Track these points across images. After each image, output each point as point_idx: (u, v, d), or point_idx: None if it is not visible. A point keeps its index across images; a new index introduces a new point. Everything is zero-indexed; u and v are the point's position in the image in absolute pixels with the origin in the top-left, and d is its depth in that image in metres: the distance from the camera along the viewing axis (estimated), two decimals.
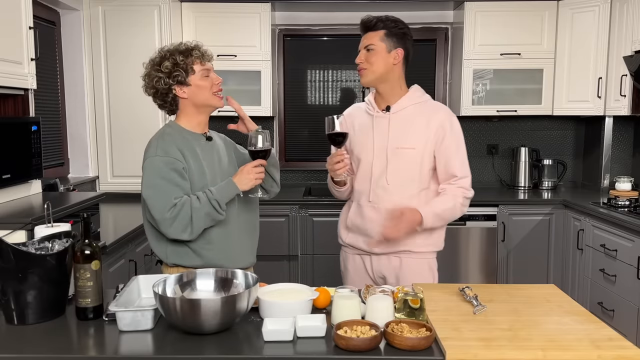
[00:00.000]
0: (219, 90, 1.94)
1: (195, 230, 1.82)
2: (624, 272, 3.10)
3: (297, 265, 3.87)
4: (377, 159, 2.10)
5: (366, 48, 2.09)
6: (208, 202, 1.80)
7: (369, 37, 2.10)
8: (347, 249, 2.26)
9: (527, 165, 4.24)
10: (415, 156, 2.07)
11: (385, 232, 1.99)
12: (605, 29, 3.75)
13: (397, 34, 2.09)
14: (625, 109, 3.57)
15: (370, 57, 2.08)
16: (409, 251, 2.12)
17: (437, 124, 2.07)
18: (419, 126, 2.08)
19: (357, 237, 2.18)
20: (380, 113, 2.13)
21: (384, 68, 2.07)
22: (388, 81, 2.10)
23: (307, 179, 4.49)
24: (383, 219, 2.06)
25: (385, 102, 2.14)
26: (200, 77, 1.90)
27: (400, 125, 2.09)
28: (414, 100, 2.12)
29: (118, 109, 3.72)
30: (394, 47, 2.08)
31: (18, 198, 2.70)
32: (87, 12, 3.66)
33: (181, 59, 1.88)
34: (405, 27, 2.12)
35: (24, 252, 1.49)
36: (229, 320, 1.42)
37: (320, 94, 4.49)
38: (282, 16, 4.34)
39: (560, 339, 1.39)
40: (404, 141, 2.07)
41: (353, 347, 1.33)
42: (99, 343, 1.42)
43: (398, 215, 1.98)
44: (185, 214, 1.79)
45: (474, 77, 4.00)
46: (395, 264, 2.13)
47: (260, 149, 1.86)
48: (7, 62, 2.37)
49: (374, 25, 2.09)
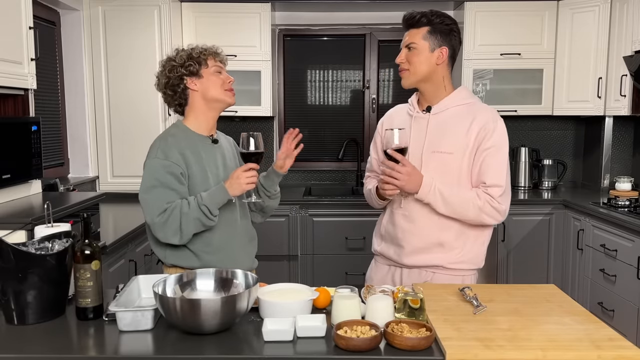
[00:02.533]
0: (230, 89, 1.94)
1: (184, 235, 1.81)
2: (624, 272, 3.10)
3: (297, 265, 3.87)
4: (411, 162, 1.90)
5: (407, 46, 1.94)
6: (197, 207, 1.79)
7: (411, 34, 1.93)
8: (378, 257, 2.13)
9: (527, 165, 4.24)
10: (452, 161, 1.89)
11: (383, 173, 1.87)
12: (605, 29, 3.75)
13: (442, 30, 1.91)
14: (625, 109, 3.57)
15: (412, 56, 1.92)
16: (441, 267, 1.95)
17: (480, 127, 1.89)
18: (460, 130, 1.90)
19: (388, 246, 2.04)
20: (420, 113, 1.99)
21: (426, 69, 1.93)
22: (431, 82, 1.95)
23: (307, 179, 4.49)
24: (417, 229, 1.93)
25: (427, 102, 1.99)
26: (213, 72, 1.91)
27: (439, 128, 1.93)
28: (457, 101, 1.96)
29: (118, 109, 3.72)
30: (438, 46, 1.92)
31: (18, 198, 2.69)
32: (87, 12, 3.66)
33: (196, 53, 1.90)
34: (452, 22, 1.94)
35: (24, 252, 1.49)
36: (229, 320, 1.42)
37: (320, 94, 4.49)
38: (282, 16, 4.34)
39: (560, 339, 1.39)
40: (441, 145, 1.91)
41: (353, 347, 1.33)
42: (99, 343, 1.42)
43: (406, 167, 1.84)
44: (174, 219, 1.79)
45: (474, 77, 4.00)
46: (427, 280, 1.97)
47: (251, 151, 1.79)
48: (7, 62, 2.37)
49: (417, 22, 1.92)
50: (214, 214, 1.81)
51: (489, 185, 1.88)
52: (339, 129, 4.47)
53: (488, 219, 1.90)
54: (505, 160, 1.91)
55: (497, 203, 1.88)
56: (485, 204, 1.88)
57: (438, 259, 1.95)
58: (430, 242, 1.95)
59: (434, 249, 1.95)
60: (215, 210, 1.81)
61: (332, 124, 4.49)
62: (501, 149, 1.90)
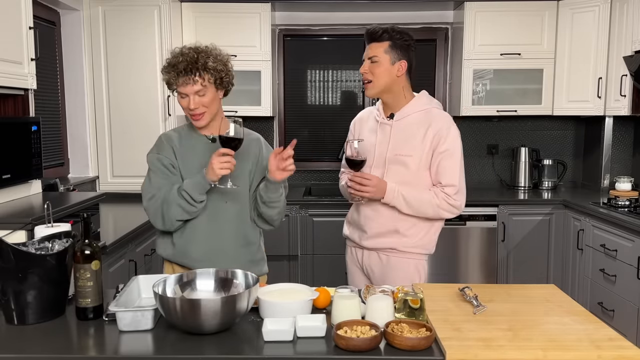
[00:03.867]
0: (190, 114, 1.91)
1: (167, 220, 1.89)
2: (624, 272, 3.10)
3: (297, 265, 3.87)
4: (376, 163, 2.16)
5: (370, 59, 2.12)
6: (177, 192, 1.86)
7: (373, 48, 2.12)
8: (347, 241, 2.36)
9: (527, 165, 4.24)
10: (411, 164, 2.11)
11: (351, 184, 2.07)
12: (605, 29, 3.75)
13: (401, 46, 2.10)
14: (625, 109, 3.57)
15: (374, 68, 2.10)
16: (395, 250, 2.17)
17: (434, 133, 2.10)
18: (418, 134, 2.11)
19: (353, 230, 2.29)
20: (385, 120, 2.18)
21: (388, 80, 2.11)
22: (392, 92, 2.14)
23: (307, 179, 4.49)
24: (377, 217, 2.16)
25: (390, 110, 2.19)
26: (179, 97, 1.92)
27: (400, 134, 2.14)
28: (417, 107, 2.15)
29: (118, 109, 3.72)
30: (397, 59, 2.10)
31: (18, 198, 2.69)
32: (87, 12, 3.66)
33: (168, 75, 1.88)
34: (410, 39, 2.13)
35: (24, 252, 1.49)
36: (229, 320, 1.42)
37: (320, 94, 4.49)
38: (282, 16, 4.34)
39: (560, 339, 1.39)
40: (402, 149, 2.12)
41: (353, 347, 1.33)
42: (99, 343, 1.42)
43: (369, 178, 2.06)
44: (157, 204, 1.89)
45: (474, 77, 4.00)
46: (383, 261, 2.20)
47: (227, 136, 1.80)
48: (7, 62, 2.37)
49: (379, 37, 2.10)
50: (195, 199, 1.84)
51: (444, 184, 2.11)
52: (339, 129, 4.46)
53: (446, 214, 2.14)
54: (459, 162, 2.13)
55: (453, 200, 2.10)
56: (442, 201, 2.10)
57: (393, 243, 2.16)
58: (387, 229, 2.16)
59: (390, 235, 2.16)
60: (196, 195, 1.84)
61: (332, 124, 4.49)
62: (454, 153, 2.11)
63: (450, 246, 3.77)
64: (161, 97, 3.72)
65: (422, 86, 2.24)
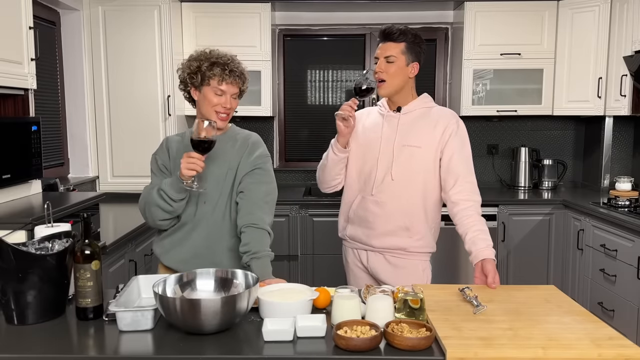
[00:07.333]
0: (221, 112, 1.94)
1: (149, 217, 1.97)
2: (624, 272, 3.10)
3: (297, 265, 3.87)
4: (383, 154, 2.15)
5: (386, 58, 2.12)
6: (156, 191, 1.90)
7: (390, 47, 2.12)
8: (346, 242, 2.31)
9: (527, 165, 4.25)
10: (420, 154, 2.12)
11: (490, 284, 1.88)
12: (605, 29, 3.75)
13: (416, 48, 2.13)
14: (625, 109, 3.57)
15: (389, 68, 2.11)
16: (403, 251, 2.16)
17: (444, 125, 2.13)
18: (426, 127, 2.14)
19: (356, 228, 2.22)
20: (392, 113, 2.20)
21: (401, 81, 2.13)
22: (402, 92, 2.17)
23: (307, 179, 4.49)
24: (386, 214, 2.14)
25: (396, 106, 2.21)
26: (211, 91, 1.94)
27: (408, 125, 2.16)
28: (422, 105, 2.20)
29: (118, 109, 3.73)
30: (412, 61, 2.13)
31: (18, 198, 2.69)
32: (87, 12, 3.66)
33: (205, 67, 1.92)
34: (422, 41, 2.17)
35: (24, 252, 1.49)
36: (229, 320, 1.42)
37: (320, 94, 4.49)
38: (282, 16, 4.34)
39: (560, 338, 1.39)
40: (410, 139, 2.13)
41: (353, 347, 1.33)
42: (99, 343, 1.42)
43: (486, 273, 1.91)
44: (142, 201, 1.98)
45: (474, 77, 4.00)
46: (391, 263, 2.18)
47: (197, 138, 1.80)
48: (7, 62, 2.37)
49: (397, 37, 2.10)
50: (172, 197, 1.87)
51: (464, 175, 2.11)
52: None
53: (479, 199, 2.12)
54: (469, 153, 2.17)
55: (475, 187, 2.12)
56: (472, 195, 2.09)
57: (402, 242, 2.15)
58: (397, 226, 2.14)
59: (400, 232, 2.15)
60: (172, 193, 1.86)
61: (332, 124, 4.42)
62: (465, 144, 2.16)
63: (450, 246, 3.77)
64: (161, 97, 3.72)
65: (422, 86, 2.25)
